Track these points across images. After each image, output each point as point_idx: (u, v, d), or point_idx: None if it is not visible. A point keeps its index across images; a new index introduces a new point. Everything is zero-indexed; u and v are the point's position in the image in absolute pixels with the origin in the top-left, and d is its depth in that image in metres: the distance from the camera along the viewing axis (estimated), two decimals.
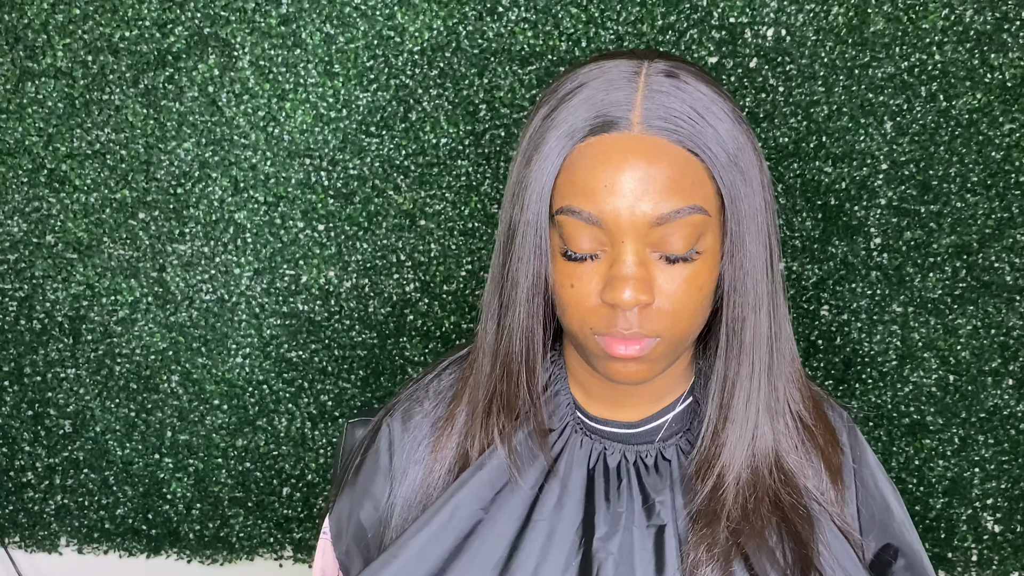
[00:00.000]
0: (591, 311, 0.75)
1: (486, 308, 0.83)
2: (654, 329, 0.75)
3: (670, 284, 0.74)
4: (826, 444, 0.86)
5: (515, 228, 0.78)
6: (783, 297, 0.81)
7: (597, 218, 0.72)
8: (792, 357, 0.83)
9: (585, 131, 0.73)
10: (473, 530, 0.83)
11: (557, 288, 0.77)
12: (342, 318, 1.52)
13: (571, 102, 0.75)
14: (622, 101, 0.73)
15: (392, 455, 0.88)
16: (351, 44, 1.42)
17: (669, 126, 0.73)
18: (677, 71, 0.75)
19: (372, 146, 1.46)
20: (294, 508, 1.59)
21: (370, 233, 1.49)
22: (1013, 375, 1.50)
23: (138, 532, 1.62)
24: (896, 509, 0.90)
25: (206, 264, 1.50)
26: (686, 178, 0.73)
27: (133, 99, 1.45)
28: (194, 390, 1.55)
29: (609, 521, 0.82)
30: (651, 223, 0.72)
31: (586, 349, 0.78)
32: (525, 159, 0.77)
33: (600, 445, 0.85)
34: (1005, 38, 1.39)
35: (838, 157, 1.44)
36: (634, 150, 0.72)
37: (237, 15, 1.42)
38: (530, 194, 0.76)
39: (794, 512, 0.81)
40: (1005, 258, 1.46)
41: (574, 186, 0.73)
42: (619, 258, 0.73)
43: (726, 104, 0.75)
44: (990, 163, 1.43)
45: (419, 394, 0.91)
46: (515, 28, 1.42)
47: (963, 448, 1.53)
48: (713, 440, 0.81)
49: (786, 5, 1.39)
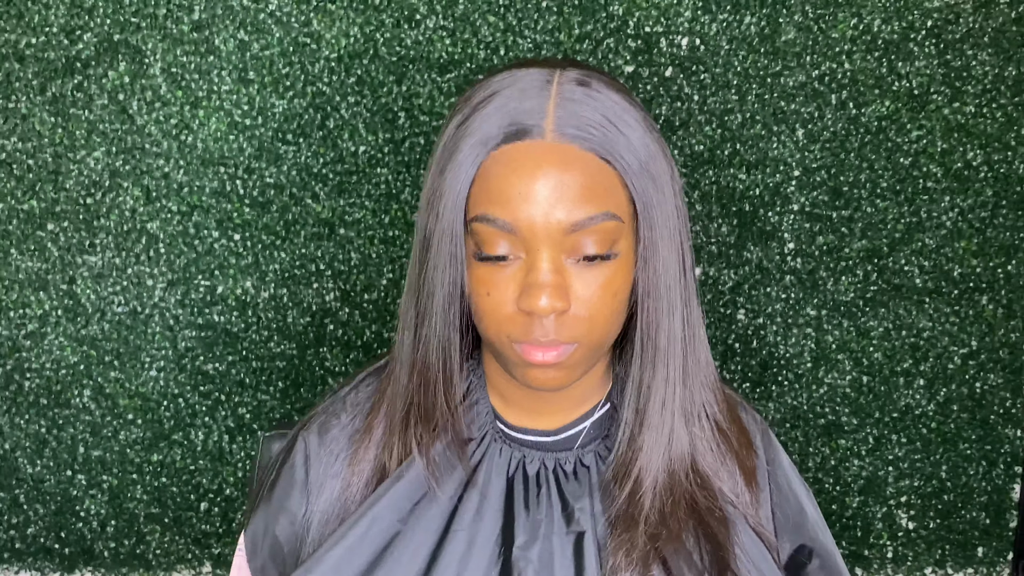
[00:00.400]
0: (508, 319, 0.75)
1: (402, 318, 0.83)
2: (571, 335, 0.75)
3: (586, 290, 0.74)
4: (741, 447, 0.87)
5: (430, 237, 0.77)
6: (697, 301, 0.82)
7: (512, 226, 0.72)
8: (707, 361, 0.84)
9: (499, 139, 0.73)
10: (391, 543, 0.82)
11: (473, 296, 0.77)
12: (260, 329, 1.49)
13: (484, 110, 0.75)
14: (535, 109, 0.73)
15: (308, 469, 0.87)
16: (266, 51, 1.41)
17: (581, 134, 0.73)
18: (589, 79, 0.75)
19: (289, 154, 1.44)
20: (212, 523, 1.56)
21: (288, 242, 1.47)
22: (924, 375, 1.54)
23: (51, 551, 1.58)
24: (810, 510, 0.92)
25: (118, 276, 1.46)
26: (599, 185, 0.73)
27: (40, 107, 1.42)
28: (107, 405, 1.51)
29: (529, 529, 0.82)
30: (565, 230, 0.72)
31: (504, 357, 0.78)
32: (439, 168, 0.76)
33: (519, 453, 0.85)
34: (912, 47, 1.43)
35: (752, 164, 1.46)
36: (547, 158, 0.72)
37: (148, 21, 1.39)
38: (445, 203, 0.75)
39: (710, 515, 0.82)
40: (915, 261, 1.50)
41: (488, 194, 0.73)
42: (535, 265, 0.73)
43: (637, 112, 0.76)
44: (899, 169, 1.47)
45: (336, 407, 0.89)
46: (433, 36, 1.41)
47: (877, 447, 1.56)
48: (630, 445, 0.82)
49: (700, 15, 1.41)
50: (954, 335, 1.53)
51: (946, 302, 1.51)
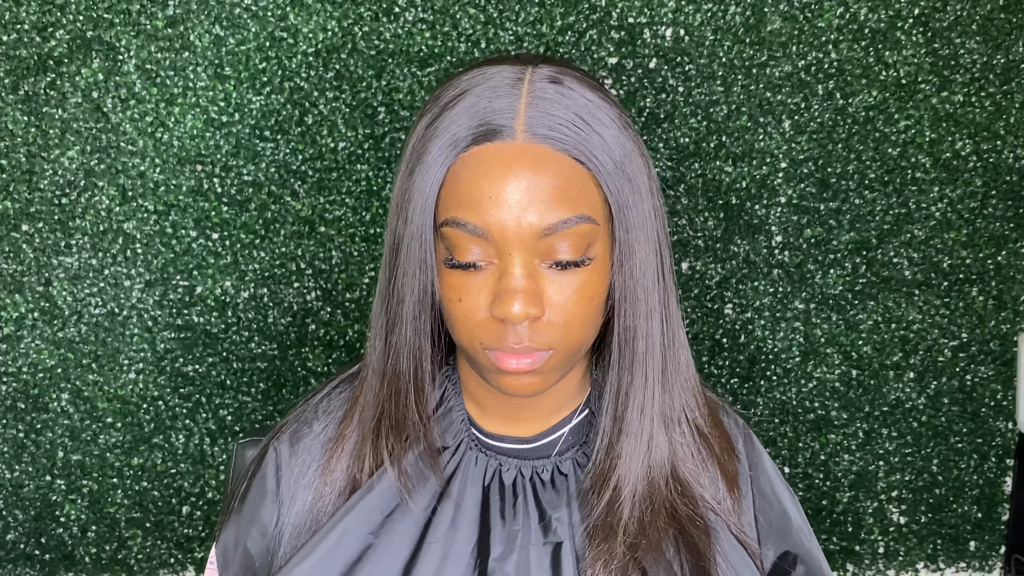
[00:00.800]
0: (480, 325, 0.73)
1: (373, 325, 0.81)
2: (545, 342, 0.73)
3: (560, 295, 0.72)
4: (722, 452, 0.85)
5: (399, 241, 0.75)
6: (676, 303, 0.80)
7: (483, 230, 0.70)
8: (687, 364, 0.82)
9: (468, 140, 0.71)
10: (362, 556, 0.80)
11: (445, 303, 0.75)
12: (240, 329, 1.47)
13: (454, 110, 0.72)
14: (505, 109, 0.71)
15: (280, 479, 0.85)
16: (242, 46, 1.38)
17: (554, 134, 0.71)
18: (561, 76, 0.73)
19: (267, 151, 1.41)
20: (195, 527, 1.54)
21: (267, 241, 1.44)
22: (914, 368, 1.52)
23: (31, 557, 1.55)
24: (794, 515, 0.90)
25: (94, 277, 1.44)
26: (572, 187, 0.71)
27: (12, 106, 1.39)
28: (86, 408, 1.49)
29: (505, 540, 0.80)
30: (538, 234, 0.70)
31: (478, 363, 0.76)
32: (408, 170, 0.74)
33: (496, 461, 0.83)
34: (899, 36, 1.41)
35: (738, 156, 1.44)
36: (518, 159, 0.70)
37: (121, 17, 1.36)
38: (414, 206, 0.73)
39: (691, 523, 0.80)
40: (904, 253, 1.48)
41: (458, 197, 0.71)
42: (507, 271, 0.71)
43: (612, 110, 0.74)
44: (887, 160, 1.45)
45: (308, 415, 0.87)
46: (412, 29, 1.39)
47: (867, 442, 1.55)
48: (608, 453, 0.80)
49: (684, 5, 1.39)
50: (944, 327, 1.51)
51: (936, 294, 1.50)
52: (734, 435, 0.88)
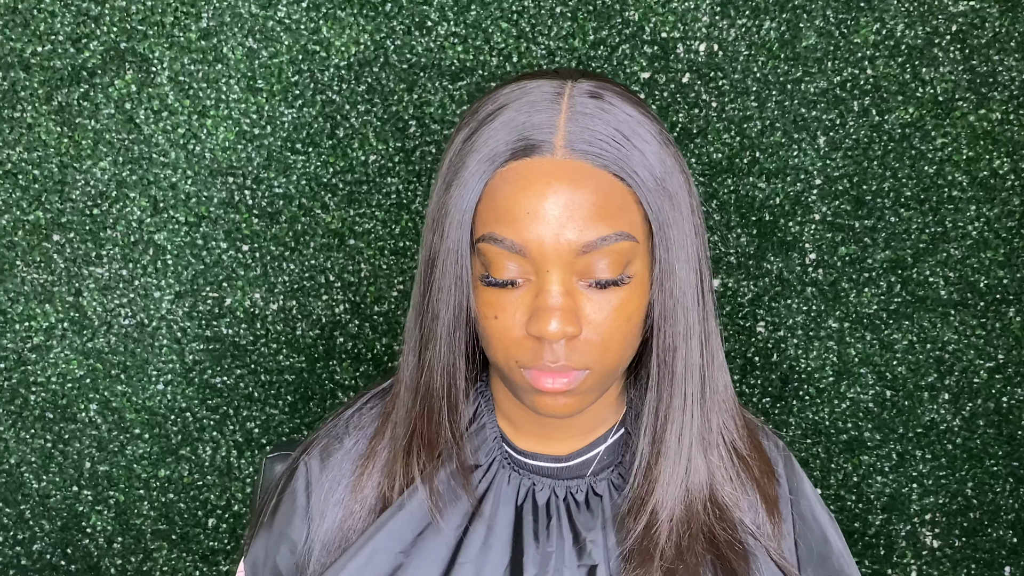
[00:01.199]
0: (516, 343, 0.72)
1: (407, 340, 0.80)
2: (582, 361, 0.71)
3: (598, 314, 0.71)
4: (762, 475, 0.83)
5: (435, 257, 0.74)
6: (715, 324, 0.78)
7: (520, 246, 0.69)
8: (725, 385, 0.80)
9: (506, 155, 0.70)
10: (393, 575, 0.79)
11: (480, 320, 0.73)
12: (268, 341, 1.47)
13: (492, 124, 0.71)
14: (545, 124, 0.70)
15: (310, 495, 0.84)
16: (275, 59, 1.38)
17: (594, 150, 0.70)
18: (602, 91, 0.72)
19: (298, 164, 1.41)
20: (220, 540, 1.53)
21: (297, 253, 1.44)
22: (949, 389, 1.49)
23: (57, 568, 1.55)
24: (835, 541, 0.88)
25: (124, 287, 1.44)
26: (612, 204, 0.70)
27: (46, 117, 1.39)
28: (114, 419, 1.49)
29: (538, 562, 0.78)
30: (576, 251, 0.69)
31: (512, 383, 0.75)
32: (445, 184, 0.73)
33: (529, 480, 0.81)
34: (936, 52, 1.39)
35: (772, 173, 1.42)
36: (557, 175, 0.69)
37: (155, 29, 1.37)
38: (450, 221, 0.72)
39: (730, 548, 0.79)
40: (939, 272, 1.46)
41: (496, 213, 0.70)
42: (544, 288, 0.70)
43: (653, 126, 0.72)
44: (923, 177, 1.43)
45: (338, 430, 0.86)
46: (444, 43, 1.38)
47: (901, 464, 1.52)
48: (646, 476, 0.78)
49: (718, 20, 1.38)
50: (980, 348, 1.48)
51: (972, 314, 1.47)
52: (774, 458, 0.86)
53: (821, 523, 0.88)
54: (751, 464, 0.82)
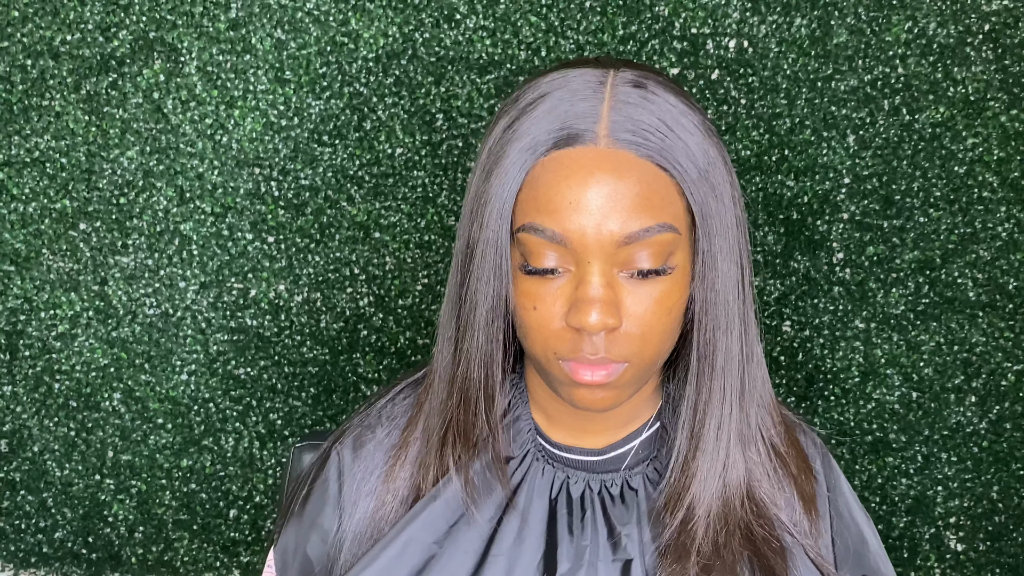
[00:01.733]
0: (555, 335, 0.71)
1: (442, 331, 0.79)
2: (621, 354, 0.71)
3: (638, 306, 0.70)
4: (799, 472, 0.82)
5: (474, 246, 0.73)
6: (754, 318, 0.78)
7: (562, 236, 0.68)
8: (763, 380, 0.80)
9: (549, 144, 0.69)
10: (426, 566, 0.78)
11: (519, 311, 0.73)
12: (292, 333, 1.46)
13: (533, 113, 0.71)
14: (587, 113, 0.69)
15: (342, 485, 0.83)
16: (303, 50, 1.38)
17: (637, 139, 0.69)
18: (645, 81, 0.71)
19: (325, 156, 1.41)
20: (241, 531, 1.53)
21: (322, 245, 1.44)
22: (976, 392, 1.48)
23: (78, 556, 1.55)
24: (871, 540, 0.87)
25: (150, 277, 1.44)
26: (655, 194, 0.69)
27: (74, 105, 1.40)
28: (137, 408, 1.49)
29: (572, 556, 0.78)
30: (618, 242, 0.68)
31: (550, 375, 0.74)
32: (484, 173, 0.73)
33: (563, 474, 0.81)
34: (968, 52, 1.38)
35: (800, 171, 1.41)
36: (600, 165, 0.68)
37: (184, 19, 1.37)
38: (490, 210, 0.71)
39: (767, 545, 0.78)
40: (968, 274, 1.44)
41: (537, 202, 0.69)
42: (585, 279, 0.69)
43: (696, 116, 0.72)
44: (953, 178, 1.42)
45: (371, 420, 0.86)
46: (473, 36, 1.38)
47: (926, 466, 1.51)
48: (683, 471, 0.77)
49: (748, 16, 1.37)
50: (1008, 351, 1.47)
51: (1000, 316, 1.46)
52: (811, 455, 0.86)
53: (858, 521, 0.87)
54: (788, 460, 0.82)
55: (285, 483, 0.98)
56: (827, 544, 0.84)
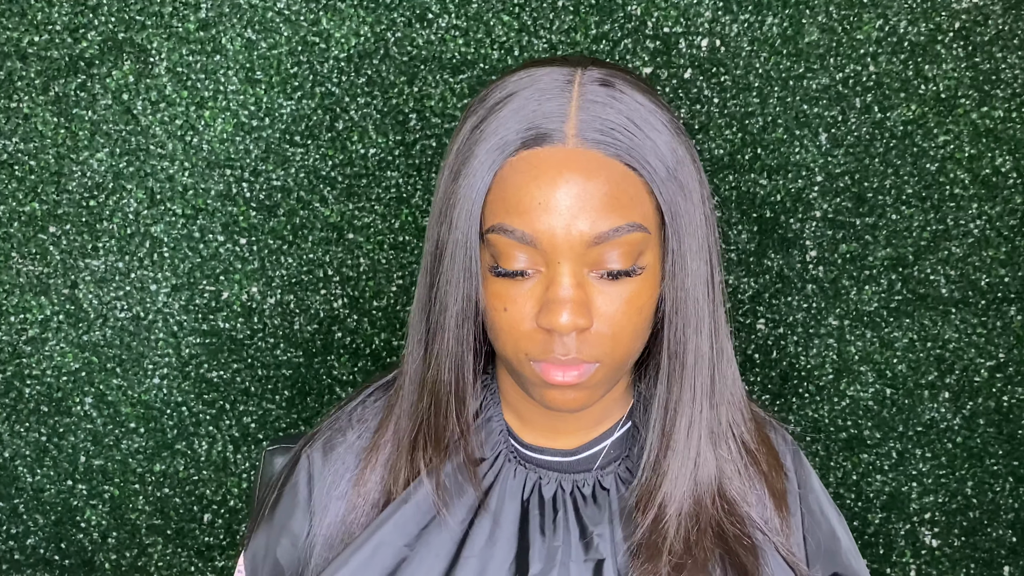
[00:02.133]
0: (526, 336, 0.71)
1: (412, 332, 0.79)
2: (592, 354, 0.70)
3: (609, 306, 0.70)
4: (770, 469, 0.82)
5: (443, 247, 0.73)
6: (724, 316, 0.78)
7: (531, 237, 0.68)
8: (734, 378, 0.80)
9: (517, 144, 0.69)
10: (397, 568, 0.78)
11: (489, 312, 0.72)
12: (266, 336, 1.46)
13: (501, 112, 0.70)
14: (555, 112, 0.69)
15: (312, 489, 0.83)
16: (274, 50, 1.37)
17: (605, 139, 0.69)
18: (612, 79, 0.71)
19: (297, 156, 1.40)
20: (216, 536, 1.52)
21: (295, 247, 1.43)
22: (949, 388, 1.49)
23: (50, 563, 1.54)
24: (843, 537, 0.87)
25: (121, 280, 1.43)
26: (624, 194, 0.69)
27: (43, 107, 1.38)
28: (109, 413, 1.47)
29: (544, 556, 0.77)
30: (588, 242, 0.68)
31: (521, 376, 0.74)
32: (453, 173, 0.72)
33: (535, 475, 0.80)
34: (939, 49, 1.39)
35: (773, 169, 1.42)
36: (569, 165, 0.68)
37: (153, 20, 1.36)
38: (459, 212, 0.71)
39: (738, 543, 0.78)
40: (940, 270, 1.45)
41: (506, 203, 0.69)
42: (555, 280, 0.69)
43: (664, 114, 0.71)
44: (925, 175, 1.42)
45: (341, 423, 0.85)
46: (446, 35, 1.37)
47: (900, 462, 1.52)
48: (654, 470, 0.77)
49: (720, 15, 1.37)
50: (981, 347, 1.48)
51: (973, 313, 1.47)
52: (782, 452, 0.86)
53: (829, 518, 0.87)
54: (759, 458, 0.82)
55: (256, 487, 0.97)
56: (798, 541, 0.84)
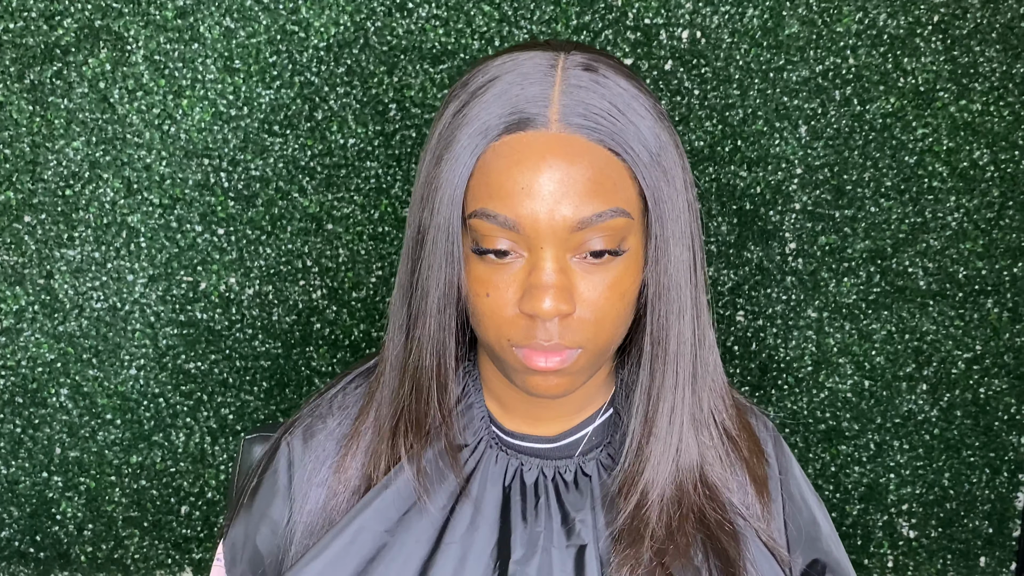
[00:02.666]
0: (508, 322, 0.70)
1: (393, 319, 0.78)
2: (575, 340, 0.70)
3: (592, 292, 0.70)
4: (751, 455, 0.82)
5: (424, 232, 0.72)
6: (706, 303, 0.77)
7: (514, 222, 0.68)
8: (715, 365, 0.79)
9: (500, 129, 0.69)
10: (378, 554, 0.77)
11: (472, 297, 0.72)
12: (244, 327, 1.44)
13: (483, 97, 0.70)
14: (538, 97, 0.69)
15: (292, 476, 0.82)
16: (252, 39, 1.36)
17: (588, 124, 0.68)
18: (596, 64, 0.71)
19: (275, 146, 1.39)
20: (193, 527, 1.51)
21: (274, 237, 1.42)
22: (927, 380, 1.50)
23: (25, 555, 1.52)
24: (823, 523, 0.87)
25: (97, 270, 1.41)
26: (607, 179, 0.68)
27: (18, 95, 1.36)
28: (85, 404, 1.46)
29: (526, 542, 0.77)
30: (571, 227, 0.67)
31: (503, 362, 0.73)
32: (435, 158, 0.72)
33: (516, 461, 0.80)
34: (918, 42, 1.39)
35: (753, 161, 1.42)
36: (552, 150, 0.67)
37: (131, 7, 1.34)
38: (441, 196, 0.70)
39: (720, 529, 0.78)
40: (919, 263, 1.46)
41: (489, 188, 0.68)
42: (537, 265, 0.68)
43: (647, 100, 0.71)
44: (903, 168, 1.43)
45: (321, 410, 0.84)
46: (426, 25, 1.37)
47: (878, 454, 1.52)
48: (636, 456, 0.77)
49: (701, 7, 1.37)
50: (958, 339, 1.49)
51: (950, 305, 1.47)
52: (763, 438, 0.86)
53: (810, 505, 0.87)
54: (740, 444, 0.81)
55: (235, 476, 0.97)
56: (779, 527, 0.84)
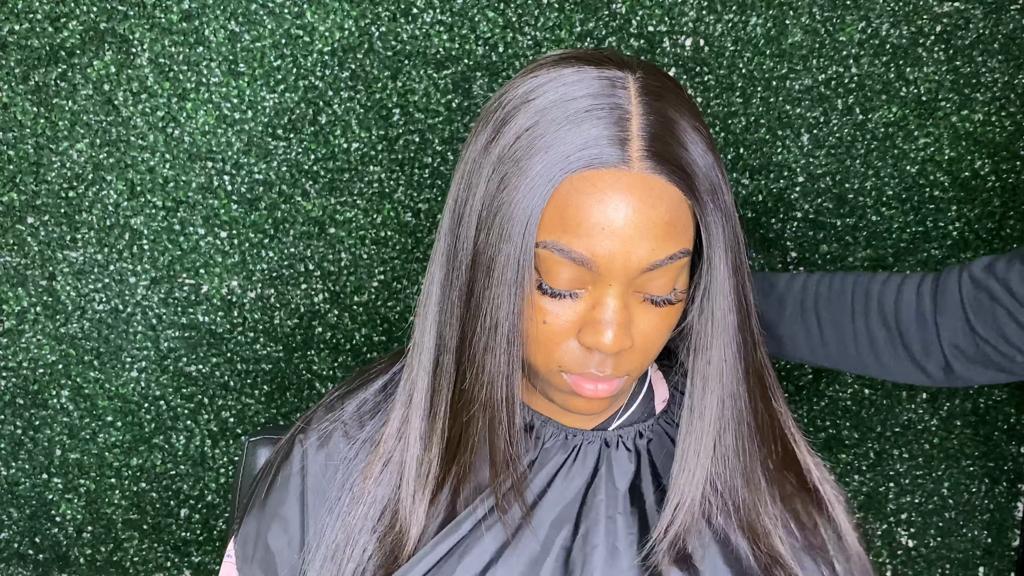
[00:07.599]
0: (563, 349, 0.71)
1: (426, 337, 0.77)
2: (625, 369, 0.72)
3: (647, 325, 0.71)
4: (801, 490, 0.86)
5: (491, 259, 0.70)
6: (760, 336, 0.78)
7: (588, 260, 0.67)
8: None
9: (580, 163, 0.67)
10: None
11: (526, 321, 0.72)
12: (245, 330, 1.45)
13: (554, 116, 0.68)
14: (618, 131, 0.67)
15: (305, 476, 0.82)
16: (257, 43, 1.36)
17: (666, 168, 0.68)
18: (663, 91, 0.70)
19: (279, 150, 1.39)
20: (193, 530, 1.51)
21: (276, 241, 1.42)
22: (927, 389, 1.50)
23: (24, 557, 1.52)
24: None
25: (99, 272, 1.42)
26: (680, 221, 0.69)
27: (23, 96, 1.37)
28: (86, 406, 1.46)
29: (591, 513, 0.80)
30: (644, 268, 0.68)
31: (548, 382, 0.74)
32: (500, 178, 0.69)
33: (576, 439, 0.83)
34: (920, 52, 1.40)
35: (755, 169, 1.42)
36: (634, 191, 0.67)
37: (136, 10, 1.35)
38: (513, 224, 0.68)
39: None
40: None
41: (564, 222, 0.68)
42: (603, 301, 0.69)
43: (705, 132, 0.71)
44: (905, 177, 1.43)
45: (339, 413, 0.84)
46: (430, 30, 1.37)
47: (878, 462, 1.52)
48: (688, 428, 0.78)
49: (705, 15, 1.38)
50: None
51: None
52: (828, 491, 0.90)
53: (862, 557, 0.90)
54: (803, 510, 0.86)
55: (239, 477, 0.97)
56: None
